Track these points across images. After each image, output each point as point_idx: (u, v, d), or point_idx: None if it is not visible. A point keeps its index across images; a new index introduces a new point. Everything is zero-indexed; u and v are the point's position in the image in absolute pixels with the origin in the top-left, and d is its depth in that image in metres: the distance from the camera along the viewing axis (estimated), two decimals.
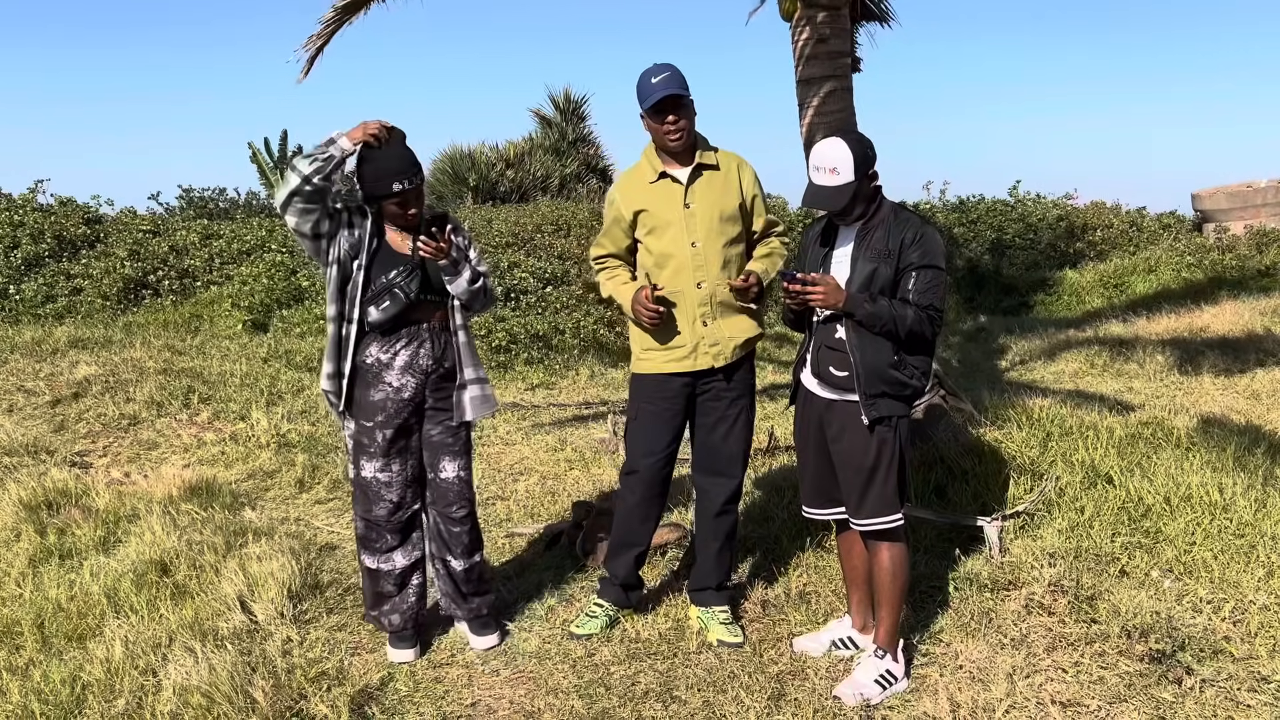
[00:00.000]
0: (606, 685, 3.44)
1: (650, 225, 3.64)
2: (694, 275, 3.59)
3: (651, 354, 3.69)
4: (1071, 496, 4.55)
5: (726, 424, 3.72)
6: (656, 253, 3.64)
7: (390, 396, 3.53)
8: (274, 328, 10.83)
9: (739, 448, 3.75)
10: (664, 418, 3.71)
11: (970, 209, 16.18)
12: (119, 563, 4.39)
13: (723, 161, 3.66)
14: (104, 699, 3.28)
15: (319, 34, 5.85)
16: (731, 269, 3.63)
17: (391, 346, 3.53)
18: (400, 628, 3.68)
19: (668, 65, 3.51)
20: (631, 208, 3.65)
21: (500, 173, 20.40)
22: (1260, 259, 13.53)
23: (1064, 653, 3.46)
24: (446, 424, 3.62)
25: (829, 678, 3.42)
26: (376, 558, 3.67)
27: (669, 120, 3.51)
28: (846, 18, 5.33)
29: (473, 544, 3.73)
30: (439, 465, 3.64)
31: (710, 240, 3.59)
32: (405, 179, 3.38)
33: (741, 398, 3.73)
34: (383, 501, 3.61)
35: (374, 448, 3.57)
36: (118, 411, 7.10)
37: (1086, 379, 8.39)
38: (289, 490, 5.81)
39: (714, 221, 3.59)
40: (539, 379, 8.98)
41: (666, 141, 3.56)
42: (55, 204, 13.91)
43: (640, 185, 3.66)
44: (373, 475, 3.59)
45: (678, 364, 3.65)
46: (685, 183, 3.60)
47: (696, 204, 3.59)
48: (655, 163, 3.64)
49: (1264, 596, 3.70)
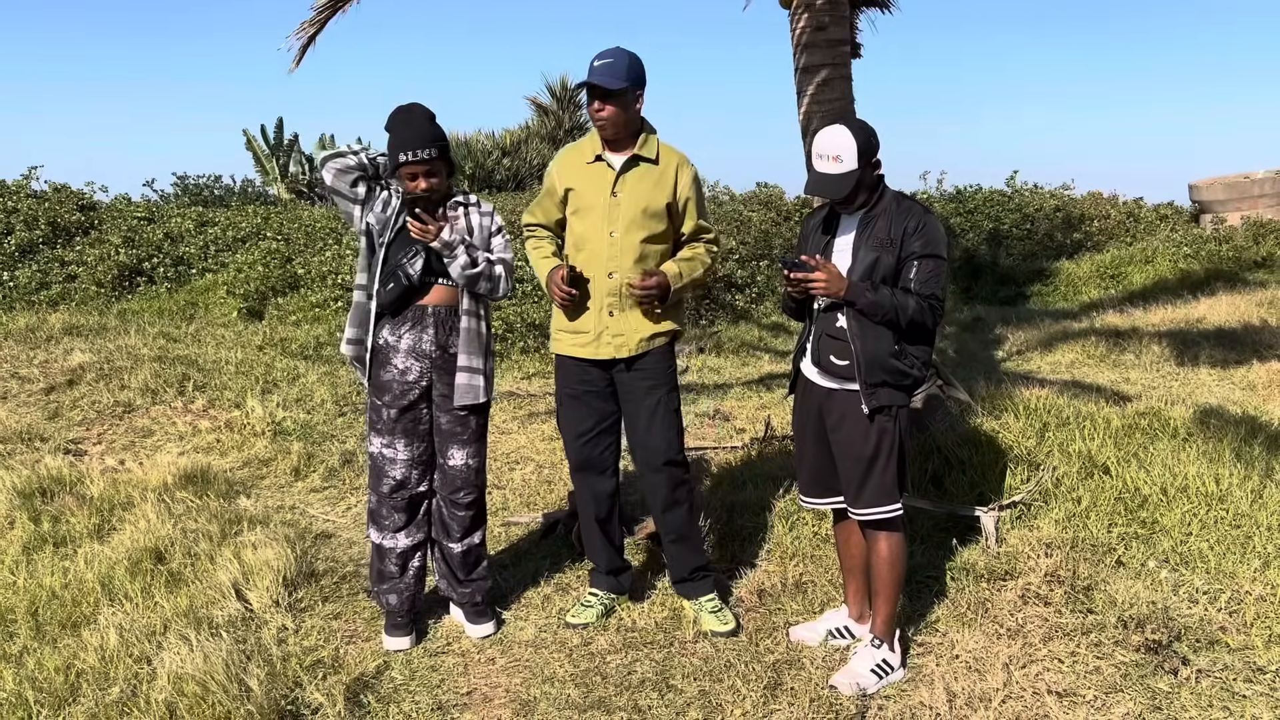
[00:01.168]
0: (603, 674, 3.44)
1: (576, 205, 3.63)
2: (607, 264, 3.57)
3: (561, 335, 3.71)
4: (1068, 487, 4.55)
5: (646, 416, 3.67)
6: (576, 234, 3.64)
7: (396, 378, 3.58)
8: (269, 315, 10.80)
9: (662, 439, 3.67)
10: (583, 399, 3.71)
11: (968, 199, 16.14)
12: (113, 550, 4.37)
13: (664, 157, 3.62)
14: (98, 687, 3.27)
15: (311, 21, 5.81)
16: (647, 264, 3.60)
17: (398, 329, 3.57)
18: (396, 608, 3.69)
19: (615, 51, 3.48)
20: (564, 183, 3.65)
21: (497, 161, 20.36)
22: (1257, 250, 13.52)
23: (1060, 643, 3.46)
24: (455, 412, 3.62)
25: (825, 667, 3.41)
26: (383, 534, 3.70)
27: (594, 107, 3.50)
28: (845, 5, 5.30)
29: (471, 527, 3.73)
30: (447, 452, 3.66)
31: (629, 233, 3.56)
32: (411, 150, 3.40)
33: (656, 388, 3.67)
34: (385, 478, 3.65)
35: (381, 425, 3.63)
36: (112, 399, 7.08)
37: (1083, 369, 8.39)
38: (284, 478, 5.79)
39: (637, 215, 3.56)
40: (535, 368, 8.96)
41: (594, 125, 3.57)
42: (49, 190, 13.84)
43: (577, 163, 3.65)
44: (379, 450, 3.65)
45: (581, 349, 3.65)
46: (618, 170, 3.58)
47: (624, 194, 3.57)
48: (596, 144, 3.62)
49: (1260, 587, 3.70)
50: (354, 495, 5.45)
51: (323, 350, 9.09)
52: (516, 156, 20.59)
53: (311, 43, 5.95)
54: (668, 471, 3.70)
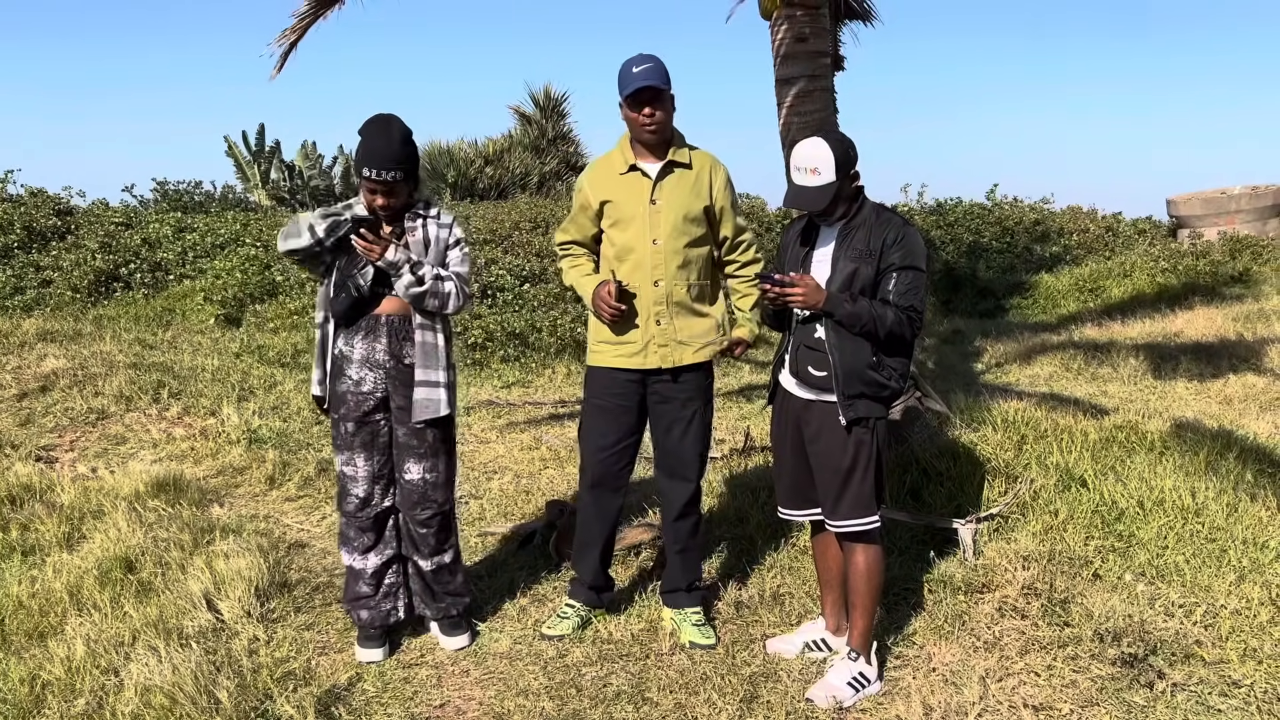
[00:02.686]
0: (578, 686, 3.41)
1: (615, 217, 3.61)
2: (652, 273, 3.56)
3: (603, 347, 3.67)
4: (1045, 499, 4.55)
5: (680, 427, 3.67)
6: (618, 245, 3.61)
7: (350, 389, 3.54)
8: (247, 322, 10.71)
9: (693, 452, 3.70)
10: (613, 413, 3.68)
11: (948, 211, 16.23)
12: (83, 559, 4.31)
13: (696, 161, 3.62)
14: (63, 699, 3.21)
15: (292, 29, 5.78)
16: (691, 270, 3.60)
17: (351, 339, 3.54)
18: (368, 623, 3.64)
19: (651, 56, 3.48)
20: (599, 197, 3.63)
21: (479, 169, 20.32)
22: (1233, 265, 13.63)
23: (1037, 656, 3.45)
24: (411, 425, 3.56)
25: (801, 680, 3.39)
26: (353, 555, 3.65)
27: (645, 111, 3.48)
28: (826, 17, 5.31)
29: (439, 545, 3.67)
30: (404, 466, 3.60)
31: (672, 239, 3.55)
32: (375, 170, 3.35)
33: (693, 400, 3.68)
34: (349, 495, 3.60)
35: (340, 440, 3.59)
36: (86, 405, 7.00)
37: (1061, 382, 8.42)
38: (259, 487, 5.73)
39: (678, 221, 3.56)
40: (515, 377, 8.92)
41: (641, 133, 3.53)
42: (26, 194, 13.71)
43: (610, 175, 3.63)
44: (341, 468, 3.61)
45: (627, 360, 3.62)
46: (654, 178, 3.57)
47: (663, 201, 3.56)
48: (628, 154, 3.60)
49: (1235, 601, 3.71)
50: (329, 505, 5.39)
51: (300, 358, 9.03)
52: (499, 165, 20.55)
53: (293, 49, 5.93)
54: (692, 483, 3.73)
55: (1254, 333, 9.70)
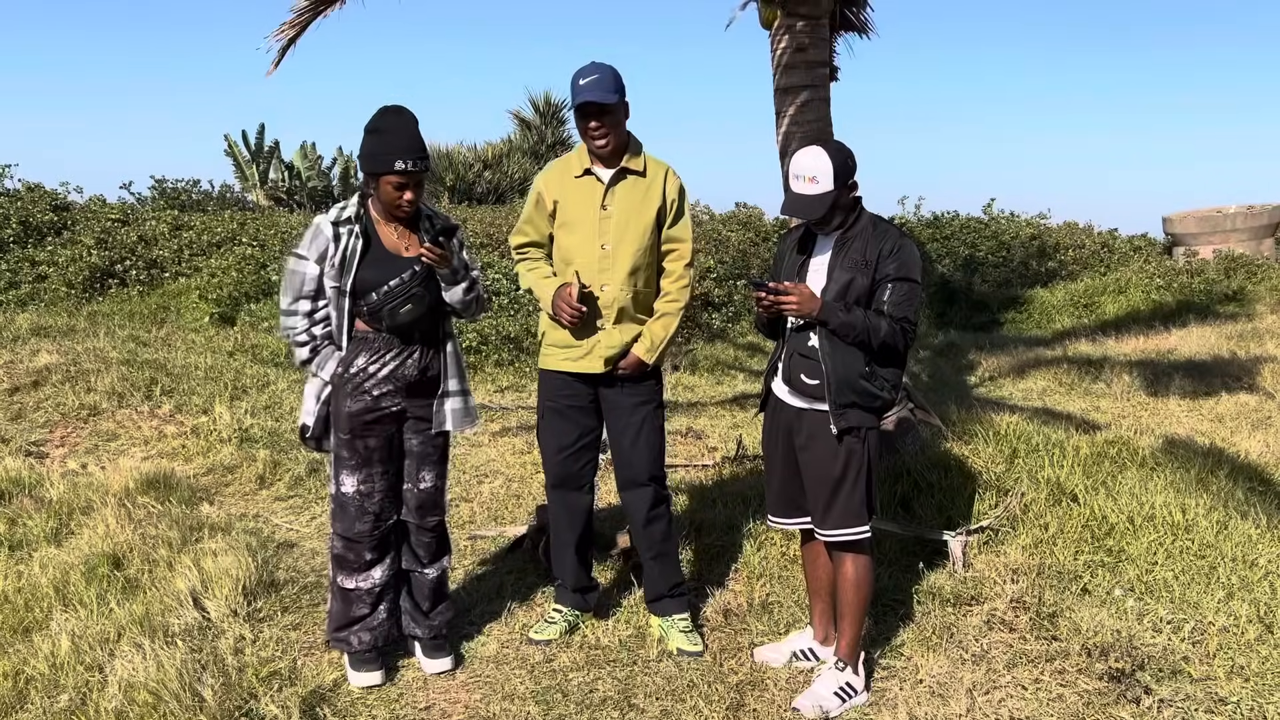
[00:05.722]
0: (564, 692, 3.40)
1: (564, 219, 3.62)
2: (599, 278, 3.56)
3: (552, 350, 3.68)
4: (1036, 513, 4.55)
5: (630, 433, 3.66)
6: (564, 248, 3.62)
7: (369, 406, 3.40)
8: (241, 321, 10.70)
9: (646, 458, 3.67)
10: (566, 415, 3.69)
11: (945, 225, 16.26)
12: (70, 555, 4.29)
13: (650, 168, 3.62)
14: (47, 694, 3.20)
15: (291, 23, 5.74)
16: (639, 277, 3.60)
17: (381, 356, 3.39)
18: (370, 645, 3.50)
19: (599, 66, 3.47)
20: (552, 196, 3.64)
21: (478, 174, 20.35)
22: (1228, 283, 13.66)
23: (1024, 669, 3.45)
24: (426, 433, 3.51)
25: (789, 689, 3.39)
26: (354, 577, 3.50)
27: (590, 125, 3.49)
28: (826, 28, 5.33)
29: (439, 551, 3.64)
30: (419, 475, 3.52)
31: (621, 245, 3.55)
32: (411, 160, 3.23)
33: (644, 405, 3.67)
34: (366, 515, 3.45)
35: (355, 459, 3.42)
36: (77, 401, 6.97)
37: (1054, 397, 8.43)
38: (249, 486, 5.72)
39: (628, 227, 3.55)
40: (509, 381, 8.91)
41: (590, 145, 3.55)
42: (22, 189, 13.69)
43: (565, 176, 3.64)
44: (354, 489, 3.44)
45: (573, 364, 3.63)
46: (606, 184, 3.57)
47: (614, 207, 3.56)
48: (584, 158, 3.61)
49: (1223, 618, 3.71)
50: (319, 505, 5.38)
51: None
52: (498, 170, 20.58)
53: (291, 45, 5.88)
54: (650, 488, 3.70)
55: (1247, 351, 9.71)
